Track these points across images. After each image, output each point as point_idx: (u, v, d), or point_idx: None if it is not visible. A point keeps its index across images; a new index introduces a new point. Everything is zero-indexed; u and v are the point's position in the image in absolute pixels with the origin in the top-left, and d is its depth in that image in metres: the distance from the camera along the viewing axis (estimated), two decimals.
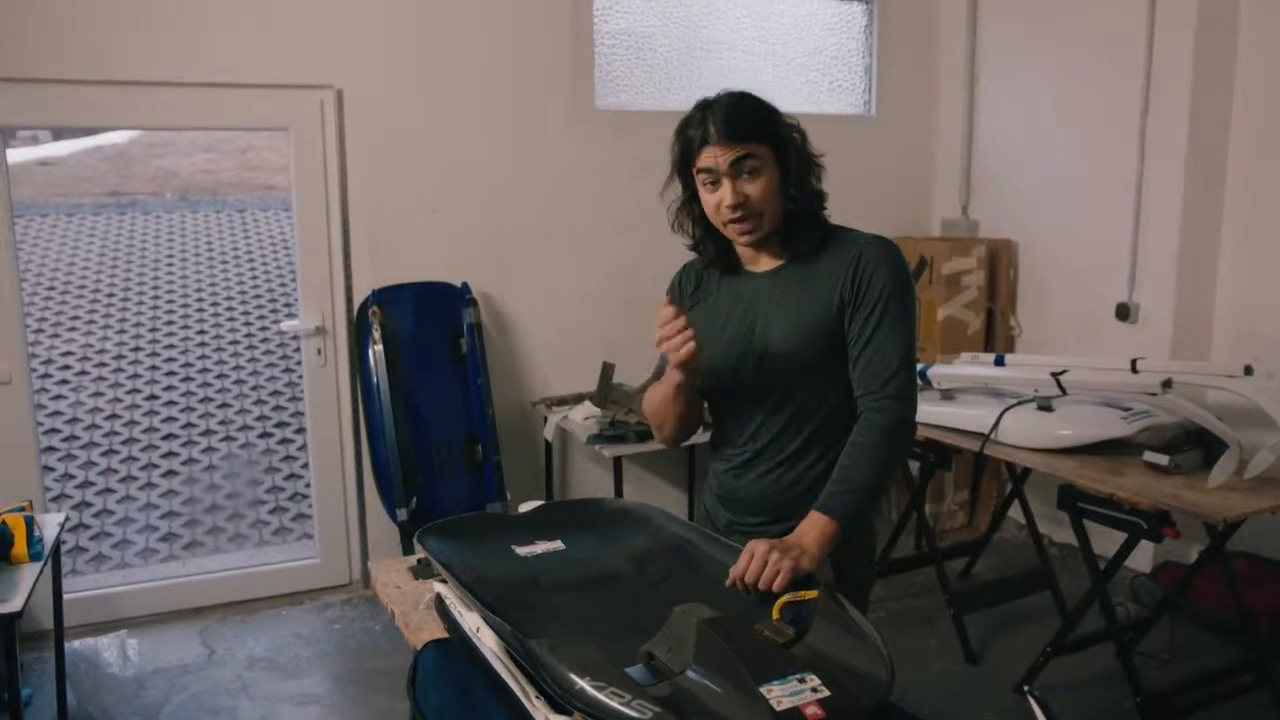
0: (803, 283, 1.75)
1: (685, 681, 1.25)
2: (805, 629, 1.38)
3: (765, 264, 1.80)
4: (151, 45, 3.47)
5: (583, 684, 1.22)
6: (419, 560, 2.04)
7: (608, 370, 3.98)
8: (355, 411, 3.93)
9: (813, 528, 1.61)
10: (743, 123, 1.69)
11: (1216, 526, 2.80)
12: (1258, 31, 3.61)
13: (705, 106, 1.72)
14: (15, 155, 9.44)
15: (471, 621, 1.57)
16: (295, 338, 4.03)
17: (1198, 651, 3.35)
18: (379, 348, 3.75)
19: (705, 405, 1.92)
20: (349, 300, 3.88)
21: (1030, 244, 4.42)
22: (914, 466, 3.73)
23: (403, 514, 3.70)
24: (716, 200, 1.72)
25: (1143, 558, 3.82)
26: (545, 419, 4.08)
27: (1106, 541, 2.96)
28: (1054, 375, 3.16)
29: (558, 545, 1.79)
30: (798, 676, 1.22)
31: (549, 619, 1.50)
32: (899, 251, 1.76)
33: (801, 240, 1.76)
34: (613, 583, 1.66)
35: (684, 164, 1.76)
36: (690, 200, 1.80)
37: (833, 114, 4.66)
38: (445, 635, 1.70)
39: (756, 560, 1.52)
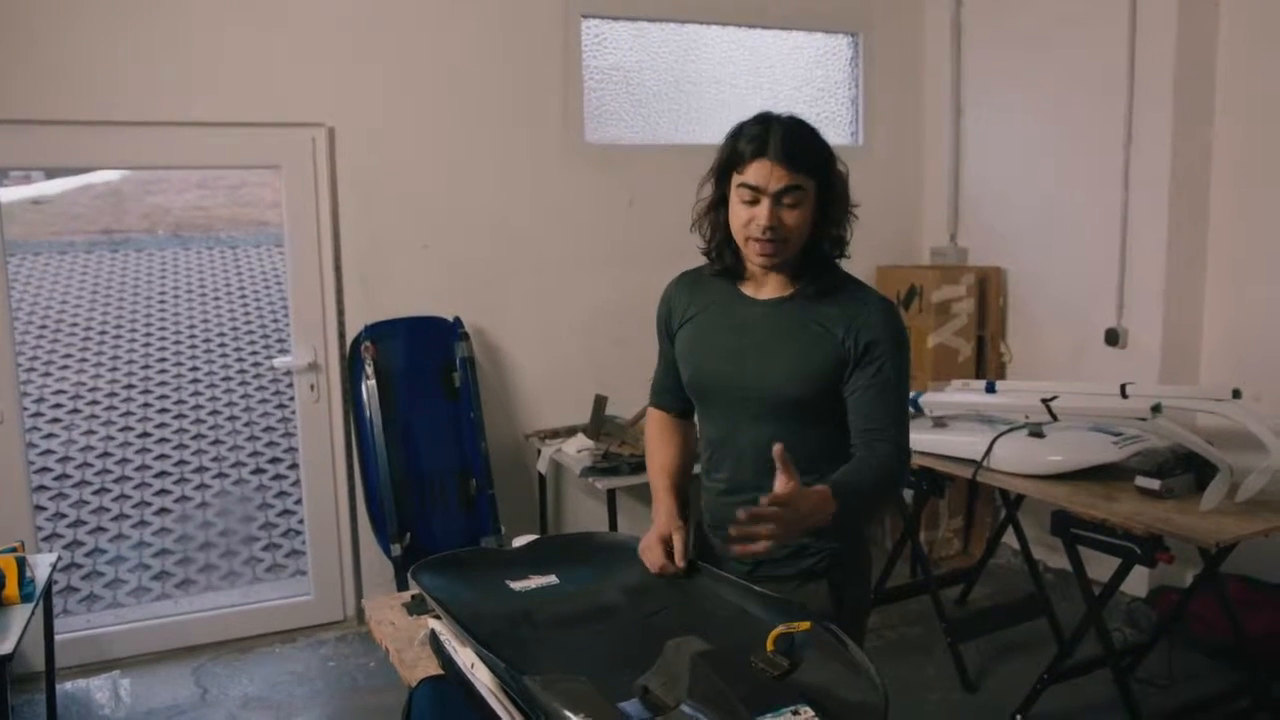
0: (803, 324, 1.75)
1: (679, 716, 1.25)
2: (799, 660, 1.39)
3: (769, 291, 1.80)
4: (143, 85, 3.50)
5: None
6: (413, 596, 2.04)
7: (600, 403, 3.99)
8: (348, 447, 3.93)
9: (821, 501, 1.53)
10: (802, 150, 1.69)
11: (1210, 550, 2.80)
12: (1236, 61, 3.66)
13: (767, 121, 1.71)
14: (8, 194, 9.47)
15: (466, 657, 1.57)
16: (288, 373, 4.03)
17: (1195, 676, 3.34)
18: (372, 383, 3.75)
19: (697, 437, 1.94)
20: (341, 336, 3.89)
21: (1019, 271, 4.45)
22: (907, 494, 3.73)
23: (396, 549, 3.68)
24: (749, 216, 1.70)
25: (1138, 582, 3.81)
26: (539, 452, 4.08)
27: (1101, 566, 2.96)
28: (1044, 401, 3.17)
29: (552, 579, 1.79)
30: (791, 709, 1.22)
31: (543, 654, 1.50)
32: (901, 316, 1.80)
33: (813, 280, 1.76)
34: (607, 616, 1.66)
35: (725, 170, 1.75)
36: (718, 205, 1.79)
37: None
38: (440, 672, 1.69)
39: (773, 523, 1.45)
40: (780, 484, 1.48)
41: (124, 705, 3.40)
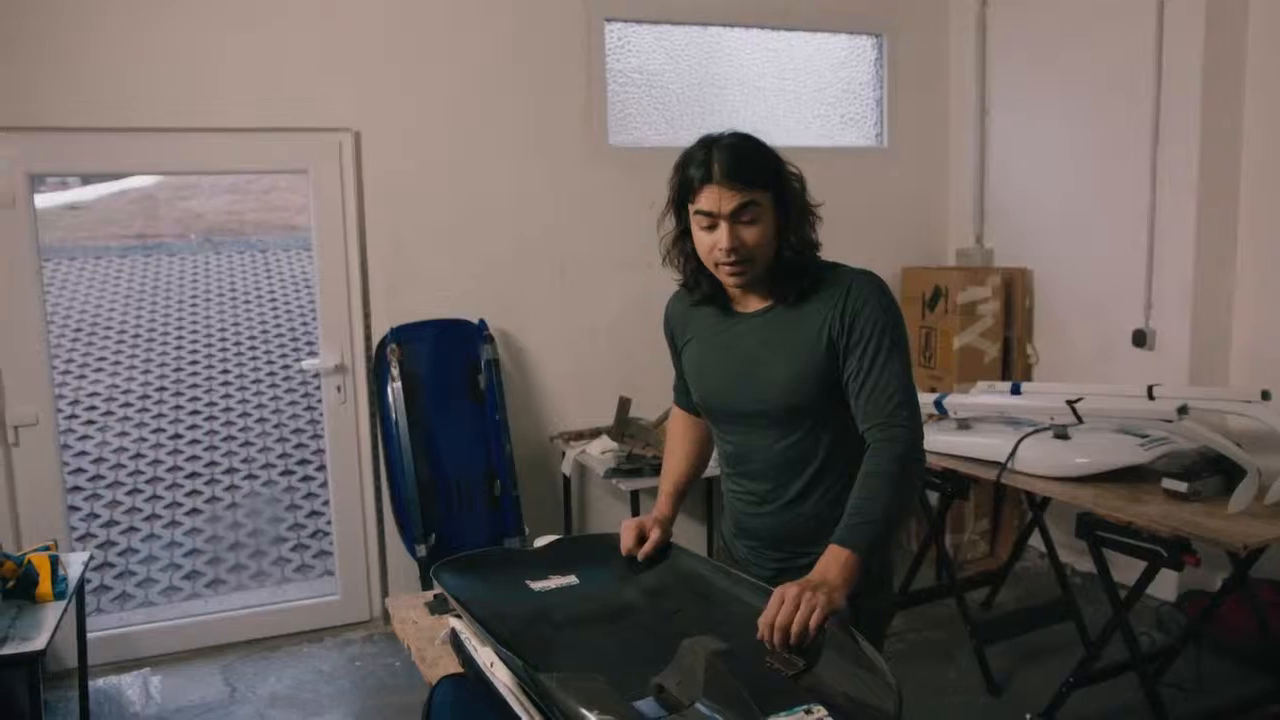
0: (790, 325, 1.75)
1: (694, 715, 1.26)
2: (815, 661, 1.39)
3: (753, 304, 1.80)
4: (174, 92, 3.56)
5: (591, 717, 1.24)
6: (435, 595, 2.06)
7: (624, 404, 4.01)
8: (375, 448, 3.96)
9: (835, 561, 1.55)
10: (748, 167, 1.67)
11: (1239, 554, 2.77)
12: (1266, 60, 3.61)
13: (709, 145, 1.70)
14: (45, 200, 9.65)
15: (485, 656, 1.59)
16: (316, 376, 4.08)
17: (1225, 681, 3.30)
18: (397, 385, 3.79)
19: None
20: (368, 338, 3.93)
21: (1045, 272, 4.42)
22: (933, 497, 3.72)
23: (422, 550, 3.72)
24: (711, 242, 1.70)
25: (1167, 586, 3.77)
26: (563, 453, 4.10)
27: (1131, 570, 2.93)
28: (1069, 403, 3.15)
29: (571, 580, 1.81)
30: (804, 708, 1.23)
31: (561, 653, 1.51)
32: (884, 284, 1.75)
33: (789, 287, 1.75)
34: (625, 616, 1.67)
35: (681, 200, 1.75)
36: (683, 236, 1.79)
37: (845, 146, 4.69)
38: (460, 670, 1.71)
39: (789, 603, 1.44)
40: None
41: (154, 702, 3.45)
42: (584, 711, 1.25)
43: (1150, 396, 3.05)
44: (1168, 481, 2.88)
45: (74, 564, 2.81)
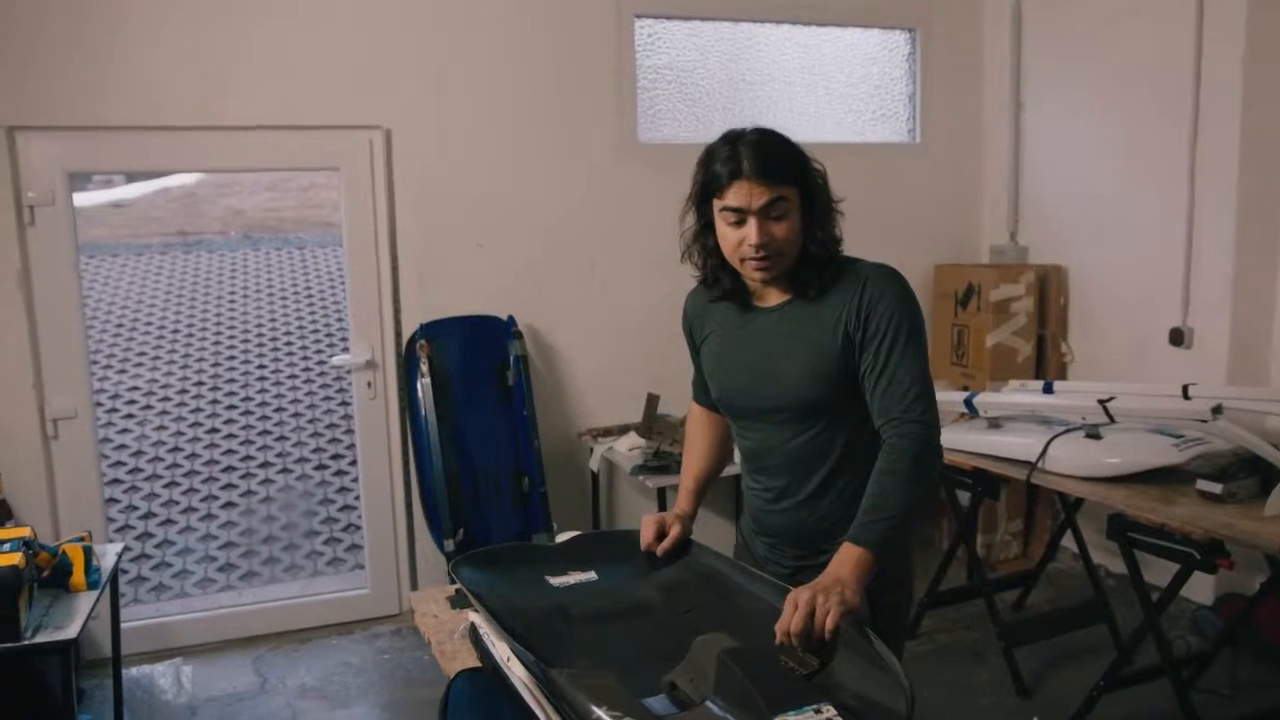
0: (809, 320, 1.73)
1: (704, 712, 1.25)
2: (829, 660, 1.38)
3: (773, 299, 1.79)
4: (206, 91, 3.61)
5: (600, 713, 1.24)
6: (457, 590, 2.06)
7: (653, 401, 4.01)
8: (404, 444, 4.00)
9: (847, 559, 1.54)
10: (776, 163, 1.67)
11: (1276, 557, 2.71)
12: None
13: (734, 140, 1.69)
14: (91, 198, 9.85)
15: (502, 651, 1.59)
16: (348, 371, 4.12)
17: (1264, 686, 3.24)
18: (427, 380, 3.81)
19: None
20: (398, 334, 3.96)
21: (1081, 269, 4.35)
22: (963, 497, 3.68)
23: (450, 545, 3.74)
24: (739, 238, 1.69)
25: (1205, 589, 3.70)
26: (591, 450, 4.11)
27: (1166, 573, 2.88)
28: (1101, 402, 3.10)
29: (590, 576, 1.81)
30: (814, 707, 1.22)
31: (576, 649, 1.51)
32: (903, 278, 1.74)
33: (811, 282, 1.74)
34: (642, 613, 1.67)
35: (704, 196, 1.74)
36: (704, 232, 1.78)
37: (878, 143, 4.66)
38: (477, 664, 1.72)
39: (802, 608, 1.43)
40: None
41: (186, 692, 3.51)
42: (594, 708, 1.25)
43: (1185, 396, 3.00)
44: (1202, 483, 2.82)
45: (108, 554, 2.86)
